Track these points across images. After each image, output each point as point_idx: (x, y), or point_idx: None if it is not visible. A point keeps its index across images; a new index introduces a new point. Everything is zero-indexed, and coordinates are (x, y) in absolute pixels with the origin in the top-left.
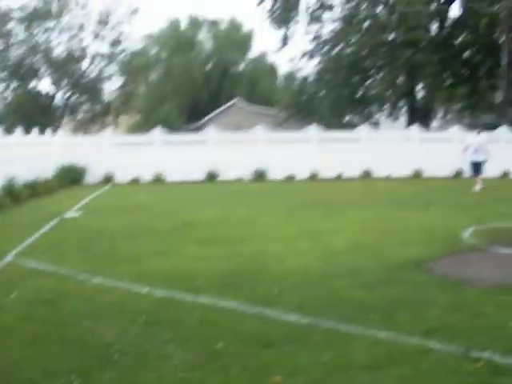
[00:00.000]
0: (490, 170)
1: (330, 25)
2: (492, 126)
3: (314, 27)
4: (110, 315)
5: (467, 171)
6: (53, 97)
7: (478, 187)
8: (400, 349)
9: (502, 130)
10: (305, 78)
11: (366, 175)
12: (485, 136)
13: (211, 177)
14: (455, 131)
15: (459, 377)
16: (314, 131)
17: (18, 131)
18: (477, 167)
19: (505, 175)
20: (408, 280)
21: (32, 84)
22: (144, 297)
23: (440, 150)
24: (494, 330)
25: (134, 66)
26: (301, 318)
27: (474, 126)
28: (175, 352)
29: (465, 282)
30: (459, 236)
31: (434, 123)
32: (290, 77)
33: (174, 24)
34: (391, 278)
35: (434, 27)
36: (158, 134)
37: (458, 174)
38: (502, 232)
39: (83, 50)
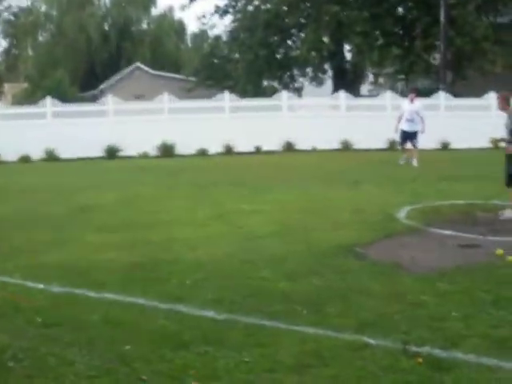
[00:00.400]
0: (428, 141)
1: None
2: (429, 92)
3: None
4: (2, 315)
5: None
6: None
7: (404, 158)
8: (331, 346)
9: (441, 96)
10: (217, 38)
11: (289, 148)
12: (419, 103)
13: (111, 152)
14: (388, 98)
15: (397, 374)
16: (227, 99)
17: None
18: (409, 137)
19: (444, 147)
20: (339, 267)
21: None
22: (40, 293)
23: (371, 118)
24: (433, 322)
25: (21, 26)
26: (218, 314)
27: (408, 91)
28: (78, 356)
29: (401, 268)
30: (394, 216)
31: (364, 89)
32: (200, 37)
33: None
34: (320, 265)
35: None
36: (49, 104)
37: (392, 146)
38: (440, 211)
39: None
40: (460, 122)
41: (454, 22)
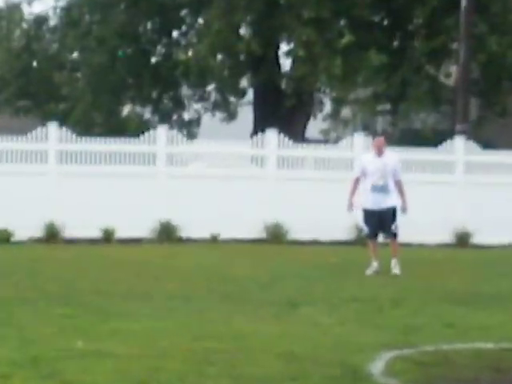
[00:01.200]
0: (431, 230)
1: None
2: (437, 138)
3: None
4: None
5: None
6: None
7: (374, 266)
8: None
9: (457, 147)
10: (39, 21)
11: (168, 235)
12: (394, 156)
13: None
14: (358, 145)
15: None
16: (55, 138)
17: None
18: (381, 222)
19: (461, 241)
20: None
21: None
22: None
23: (325, 184)
24: None
25: None
26: None
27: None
28: None
29: None
30: (361, 370)
31: (314, 128)
32: (7, 18)
33: None
34: None
35: None
36: None
37: (359, 235)
38: (450, 362)
39: None
40: (491, 195)
41: (482, 6)
